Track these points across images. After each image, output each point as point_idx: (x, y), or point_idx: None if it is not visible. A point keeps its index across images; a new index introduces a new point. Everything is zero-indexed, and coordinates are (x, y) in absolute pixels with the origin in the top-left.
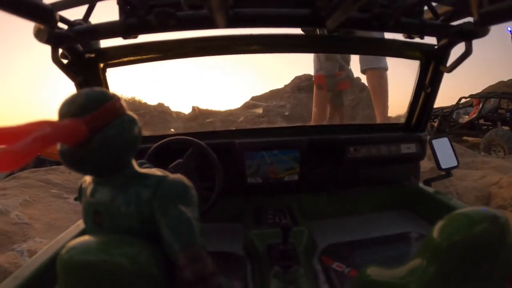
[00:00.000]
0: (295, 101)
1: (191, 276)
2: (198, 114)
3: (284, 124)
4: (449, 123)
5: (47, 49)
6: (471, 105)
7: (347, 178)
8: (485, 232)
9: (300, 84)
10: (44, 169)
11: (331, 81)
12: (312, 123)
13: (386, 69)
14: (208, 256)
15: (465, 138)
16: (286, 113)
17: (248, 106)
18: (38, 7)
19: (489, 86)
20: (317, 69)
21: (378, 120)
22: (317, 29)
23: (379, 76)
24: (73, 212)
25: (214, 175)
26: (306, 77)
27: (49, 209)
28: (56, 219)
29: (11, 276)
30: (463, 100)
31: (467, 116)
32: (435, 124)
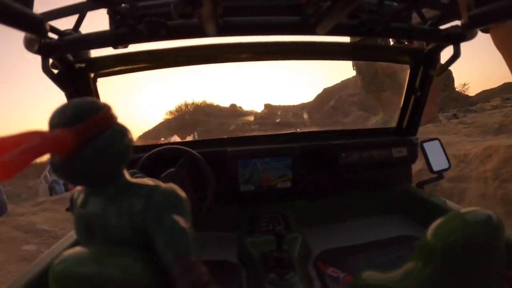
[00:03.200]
0: None
1: (186, 286)
2: (271, 110)
3: (359, 113)
4: None
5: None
6: None
7: (340, 183)
8: (479, 233)
9: None
10: (51, 200)
11: None
12: None
13: None
14: (203, 266)
15: None
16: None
17: (321, 98)
18: (28, 17)
19: None
20: None
21: None
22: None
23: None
24: None
25: (207, 184)
26: None
27: None
28: None
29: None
30: None
31: None
32: None
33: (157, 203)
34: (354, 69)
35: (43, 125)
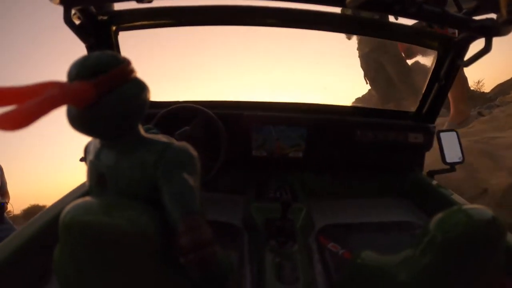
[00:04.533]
0: None
1: (188, 243)
2: None
3: None
4: None
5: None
6: None
7: (351, 161)
8: (481, 232)
9: None
10: None
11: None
12: None
13: None
14: (206, 225)
15: None
16: None
17: None
18: None
19: None
20: None
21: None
22: None
23: None
24: None
25: (219, 145)
26: None
27: None
28: None
29: (14, 233)
30: None
31: None
32: None
33: (169, 159)
34: (367, 83)
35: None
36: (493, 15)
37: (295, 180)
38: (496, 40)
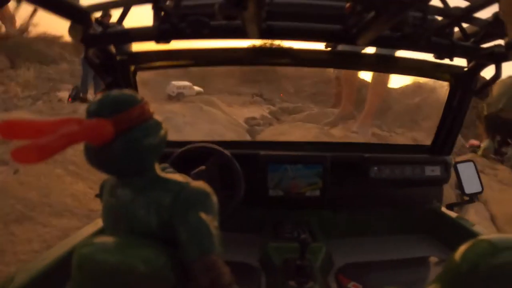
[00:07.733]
0: None
1: (207, 285)
2: None
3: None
4: None
5: None
6: None
7: (369, 197)
8: (508, 261)
9: None
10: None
11: None
12: None
13: None
14: (224, 266)
15: None
16: None
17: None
18: (74, 8)
19: None
20: None
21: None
22: None
23: None
24: None
25: (235, 184)
26: None
27: None
28: None
29: (25, 267)
30: None
31: None
32: None
33: (185, 199)
34: None
35: None
36: (500, 41)
37: (313, 218)
38: None
